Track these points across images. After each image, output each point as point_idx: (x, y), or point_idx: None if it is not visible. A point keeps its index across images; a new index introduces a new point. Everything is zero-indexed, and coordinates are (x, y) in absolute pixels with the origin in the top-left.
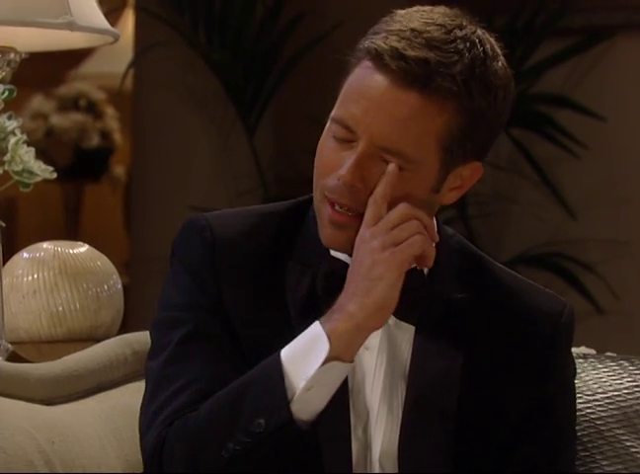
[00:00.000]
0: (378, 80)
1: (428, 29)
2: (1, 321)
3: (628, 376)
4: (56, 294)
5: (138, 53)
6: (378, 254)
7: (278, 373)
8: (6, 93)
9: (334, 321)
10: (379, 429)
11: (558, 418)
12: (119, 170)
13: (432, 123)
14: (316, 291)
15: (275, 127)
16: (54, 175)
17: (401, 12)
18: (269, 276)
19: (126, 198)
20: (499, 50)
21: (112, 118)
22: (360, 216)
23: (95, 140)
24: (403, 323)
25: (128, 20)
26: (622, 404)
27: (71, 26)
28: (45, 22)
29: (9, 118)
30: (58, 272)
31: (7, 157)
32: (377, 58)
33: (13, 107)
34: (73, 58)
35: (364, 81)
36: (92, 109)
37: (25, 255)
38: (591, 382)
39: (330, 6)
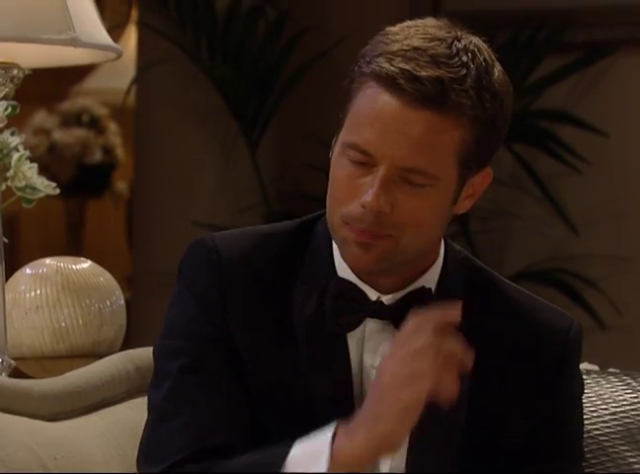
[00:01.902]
0: (391, 103)
1: (430, 45)
2: (4, 337)
3: (631, 392)
4: (59, 310)
5: (141, 69)
6: (390, 390)
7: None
8: (9, 109)
9: (342, 441)
10: None
11: (566, 435)
12: (121, 185)
13: (449, 139)
14: (323, 312)
15: (277, 143)
16: (57, 191)
17: (393, 29)
18: (275, 296)
19: (129, 214)
20: (491, 55)
21: (114, 134)
22: (386, 236)
23: (97, 156)
24: None
25: (131, 36)
26: (625, 420)
27: (74, 42)
28: (49, 38)
29: (12, 133)
30: (61, 287)
31: (10, 173)
32: (388, 81)
33: (16, 122)
34: (76, 74)
35: (376, 105)
36: (95, 124)
37: (27, 271)
38: (594, 398)
39: (333, 22)
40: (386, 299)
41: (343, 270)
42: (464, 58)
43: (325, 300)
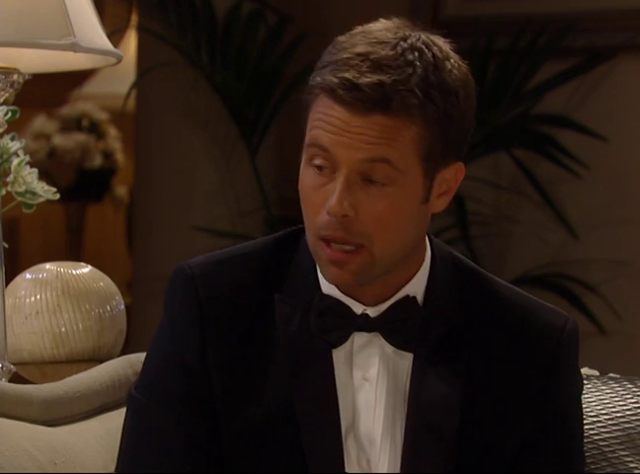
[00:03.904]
0: (340, 112)
1: (373, 49)
2: (4, 342)
3: (632, 397)
4: (59, 315)
5: (141, 74)
6: None
7: None
8: (9, 114)
9: None
10: (383, 458)
11: (564, 437)
12: (121, 190)
13: (405, 137)
14: (309, 328)
15: (277, 148)
16: (57, 196)
17: (341, 38)
18: (257, 317)
19: (129, 219)
20: (448, 49)
21: (114, 139)
22: (359, 249)
23: (97, 160)
24: (402, 351)
25: (131, 41)
26: (626, 425)
27: (74, 47)
28: (49, 43)
29: (12, 138)
30: (61, 292)
31: (10, 178)
32: (331, 93)
33: (16, 127)
34: (76, 79)
35: (327, 117)
36: (94, 129)
37: (27, 276)
38: (594, 404)
39: (333, 26)
40: (372, 311)
41: (326, 285)
42: (410, 57)
43: (310, 317)
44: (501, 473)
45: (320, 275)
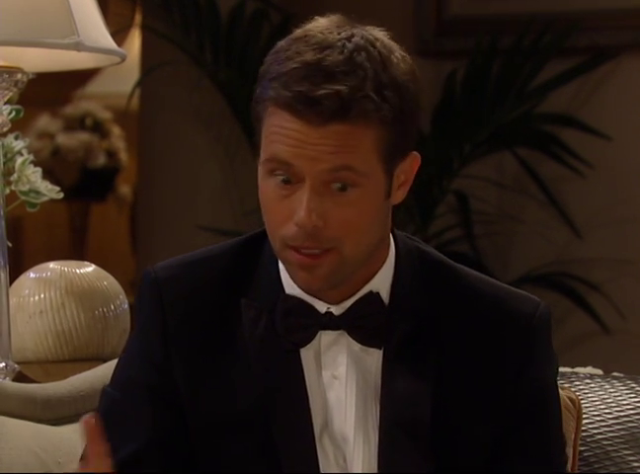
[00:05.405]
0: (296, 125)
1: (321, 56)
2: (8, 341)
3: (635, 397)
4: (63, 314)
5: (145, 73)
6: None
7: None
8: (13, 113)
9: None
10: (357, 455)
11: (543, 425)
12: (125, 189)
13: (364, 141)
14: (275, 330)
15: None
16: (61, 195)
17: (283, 45)
18: (223, 320)
19: (133, 218)
20: (390, 41)
21: (118, 138)
22: (329, 251)
23: (101, 160)
24: (369, 348)
25: (135, 40)
26: (629, 424)
27: (78, 46)
28: (53, 42)
29: (16, 138)
30: (65, 292)
31: (14, 177)
32: (286, 107)
33: (19, 126)
34: (79, 78)
35: (284, 130)
36: (98, 128)
37: (31, 275)
38: (597, 403)
39: None
40: (335, 309)
41: (290, 286)
42: (358, 59)
43: (275, 318)
44: (480, 465)
45: (283, 277)
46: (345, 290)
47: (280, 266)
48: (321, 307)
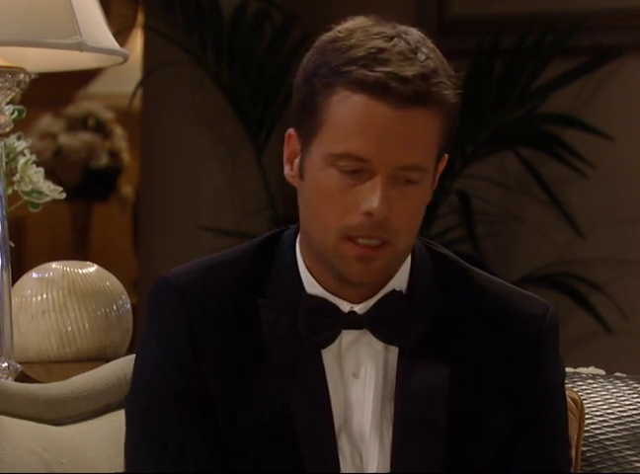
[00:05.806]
0: (381, 108)
1: (390, 44)
2: (10, 341)
3: (638, 397)
4: (65, 314)
5: (147, 73)
6: None
7: None
8: (15, 113)
9: None
10: (373, 453)
11: (550, 426)
12: (127, 189)
13: (434, 131)
14: (297, 330)
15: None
16: (64, 195)
17: (339, 35)
18: (244, 323)
19: (135, 218)
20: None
21: (120, 138)
22: (385, 244)
23: (103, 160)
24: (390, 346)
25: (137, 40)
26: (632, 424)
27: (81, 46)
28: (55, 42)
29: (18, 138)
30: (67, 292)
31: (16, 177)
32: (375, 87)
33: (22, 126)
34: (82, 78)
35: (364, 113)
36: (100, 128)
37: (34, 275)
38: (600, 403)
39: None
40: (359, 308)
41: (310, 285)
42: (423, 49)
43: (297, 319)
44: (489, 464)
45: (303, 276)
46: (366, 289)
47: (300, 265)
48: (344, 307)
